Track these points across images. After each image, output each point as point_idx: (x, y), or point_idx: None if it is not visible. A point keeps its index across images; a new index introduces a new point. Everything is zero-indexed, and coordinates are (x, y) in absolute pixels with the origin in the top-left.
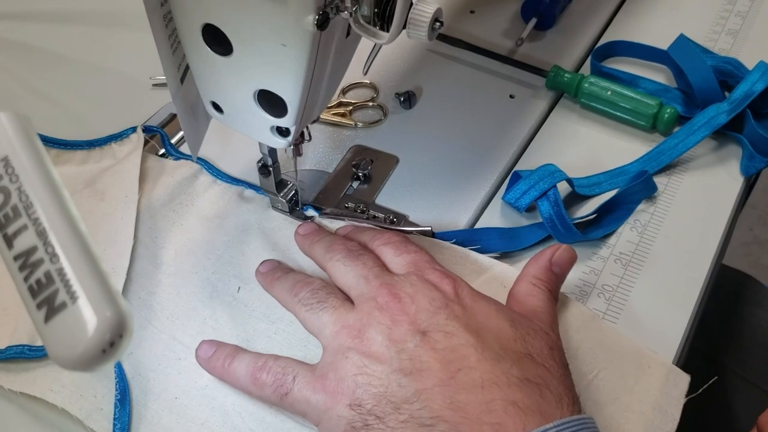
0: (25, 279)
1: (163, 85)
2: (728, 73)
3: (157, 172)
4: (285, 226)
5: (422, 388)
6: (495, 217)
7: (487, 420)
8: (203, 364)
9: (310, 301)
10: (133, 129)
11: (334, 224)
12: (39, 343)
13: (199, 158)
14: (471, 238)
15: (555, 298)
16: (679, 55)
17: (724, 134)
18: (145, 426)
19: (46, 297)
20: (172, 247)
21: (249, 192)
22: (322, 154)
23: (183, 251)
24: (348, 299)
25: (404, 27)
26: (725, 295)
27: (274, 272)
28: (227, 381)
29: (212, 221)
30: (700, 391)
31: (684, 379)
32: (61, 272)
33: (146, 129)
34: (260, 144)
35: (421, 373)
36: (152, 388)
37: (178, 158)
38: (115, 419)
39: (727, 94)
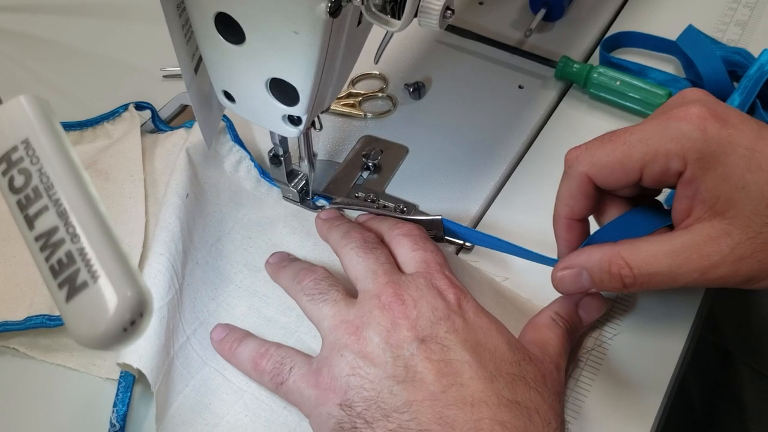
0: (47, 259)
1: (174, 76)
2: (737, 64)
3: (150, 148)
4: (257, 183)
5: (413, 399)
6: (504, 208)
7: None
8: (215, 346)
9: (312, 291)
10: (125, 107)
11: (348, 214)
12: (57, 312)
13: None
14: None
15: (571, 337)
16: (688, 46)
17: None
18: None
19: (67, 277)
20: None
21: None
22: (332, 144)
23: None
24: (350, 293)
25: (415, 15)
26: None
27: (281, 262)
28: (234, 364)
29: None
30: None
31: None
32: (81, 252)
33: (137, 105)
34: (271, 133)
35: (414, 384)
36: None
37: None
38: (120, 377)
39: (735, 84)
